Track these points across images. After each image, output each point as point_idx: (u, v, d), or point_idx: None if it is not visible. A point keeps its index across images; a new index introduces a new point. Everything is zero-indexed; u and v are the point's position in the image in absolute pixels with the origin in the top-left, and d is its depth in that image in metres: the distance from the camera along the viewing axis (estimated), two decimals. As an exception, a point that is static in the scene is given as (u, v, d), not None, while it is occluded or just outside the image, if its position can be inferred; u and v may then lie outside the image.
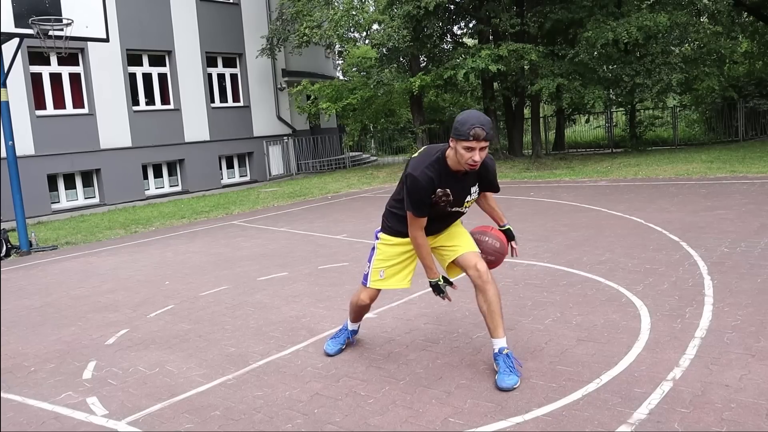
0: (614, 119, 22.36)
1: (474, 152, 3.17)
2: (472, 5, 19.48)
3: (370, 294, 3.78)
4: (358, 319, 4.05)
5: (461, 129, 3.15)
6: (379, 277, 3.70)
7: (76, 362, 4.28)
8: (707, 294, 4.58)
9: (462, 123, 3.17)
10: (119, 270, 7.62)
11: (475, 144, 3.15)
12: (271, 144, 20.42)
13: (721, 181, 10.85)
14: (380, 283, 3.72)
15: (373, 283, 3.72)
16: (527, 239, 7.25)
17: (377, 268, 3.71)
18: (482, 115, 3.20)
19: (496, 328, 3.45)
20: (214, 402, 3.43)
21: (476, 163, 3.21)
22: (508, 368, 3.33)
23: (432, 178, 3.31)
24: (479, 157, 3.19)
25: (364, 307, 3.88)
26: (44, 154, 14.87)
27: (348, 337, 4.06)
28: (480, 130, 3.12)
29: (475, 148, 3.16)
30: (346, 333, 4.06)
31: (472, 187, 3.48)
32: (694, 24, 16.92)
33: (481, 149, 3.18)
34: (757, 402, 2.90)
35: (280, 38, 19.14)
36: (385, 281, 3.71)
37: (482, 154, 3.20)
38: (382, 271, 3.69)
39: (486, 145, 3.19)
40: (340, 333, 4.09)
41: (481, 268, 3.49)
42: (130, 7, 16.55)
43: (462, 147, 3.18)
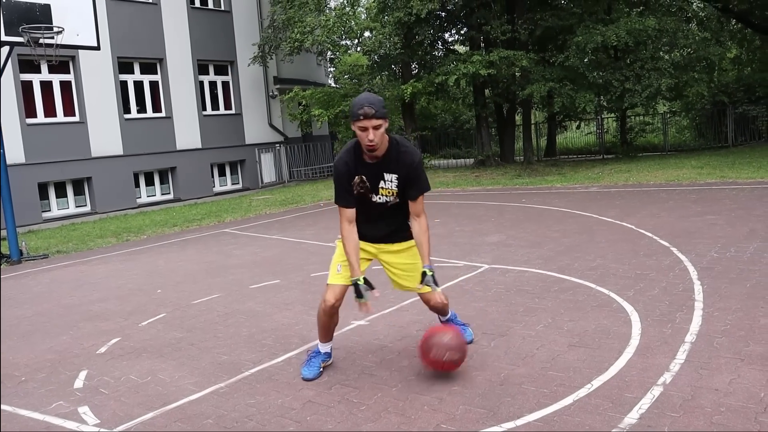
0: (605, 125, 22.49)
1: (368, 132, 3.28)
2: (463, 12, 19.59)
3: (335, 292, 3.60)
4: (328, 336, 3.79)
5: (353, 110, 3.29)
6: (336, 271, 3.65)
7: (68, 371, 4.27)
8: (697, 299, 4.61)
9: (353, 105, 3.30)
10: (111, 279, 7.59)
11: (366, 123, 3.25)
12: (263, 151, 20.41)
13: (711, 186, 10.93)
14: (338, 278, 3.62)
15: (331, 278, 3.64)
16: (519, 245, 7.28)
17: (335, 263, 3.69)
18: (373, 96, 3.33)
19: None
20: (207, 410, 3.43)
21: (372, 143, 3.30)
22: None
23: (347, 163, 3.48)
24: (373, 135, 3.28)
25: (329, 312, 3.63)
26: (35, 162, 14.80)
27: (323, 360, 3.81)
28: (368, 108, 3.23)
29: (367, 128, 3.27)
30: (320, 357, 3.81)
31: (386, 174, 3.50)
32: (683, 30, 17.06)
33: (374, 128, 3.27)
34: (746, 406, 2.92)
35: (272, 46, 19.16)
36: (342, 276, 3.61)
37: (376, 132, 3.28)
38: (339, 266, 3.65)
39: (379, 123, 3.27)
40: (313, 357, 3.81)
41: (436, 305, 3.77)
42: (121, 15, 16.54)
43: (357, 128, 3.30)
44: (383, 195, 3.56)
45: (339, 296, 3.61)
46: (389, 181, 3.51)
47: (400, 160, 3.48)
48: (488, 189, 14.21)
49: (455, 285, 5.70)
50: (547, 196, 11.83)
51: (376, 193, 3.55)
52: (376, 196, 3.56)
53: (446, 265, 6.50)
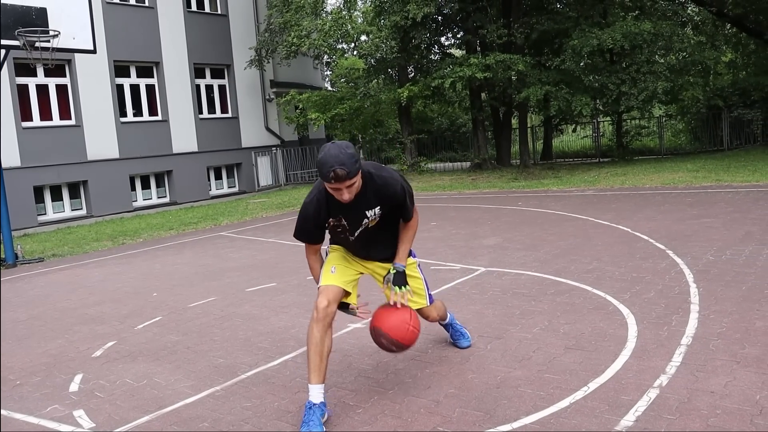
0: (601, 129, 22.53)
1: (341, 192, 2.99)
2: (459, 16, 19.63)
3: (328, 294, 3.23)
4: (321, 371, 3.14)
5: (322, 171, 2.94)
6: (331, 272, 3.36)
7: (63, 375, 4.25)
8: (693, 302, 4.61)
9: (321, 165, 2.94)
10: (106, 282, 7.58)
11: (337, 185, 2.95)
12: (259, 155, 20.41)
13: (707, 189, 10.95)
14: (332, 278, 3.32)
15: (324, 279, 3.33)
16: (515, 248, 7.29)
17: (329, 266, 3.41)
18: (342, 152, 2.92)
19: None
20: (203, 413, 3.42)
21: (349, 200, 3.03)
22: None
23: (318, 207, 3.20)
24: (348, 194, 3.00)
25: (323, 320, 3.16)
26: (31, 165, 14.78)
27: (321, 414, 3.10)
28: (340, 169, 2.88)
29: (341, 188, 2.97)
30: (317, 411, 3.09)
31: (368, 211, 3.23)
32: (679, 34, 17.12)
33: (347, 187, 2.97)
34: (742, 408, 2.92)
35: (269, 49, 19.18)
36: (336, 277, 3.33)
37: (351, 190, 3.00)
38: (334, 267, 3.39)
39: (352, 182, 2.97)
40: (312, 416, 3.07)
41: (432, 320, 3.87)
42: (117, 19, 16.53)
43: (329, 188, 3.01)
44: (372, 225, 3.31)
45: (334, 298, 3.24)
46: (372, 215, 3.25)
47: (380, 194, 3.21)
48: (485, 192, 14.23)
49: (452, 288, 5.69)
50: (543, 199, 11.85)
51: (359, 229, 3.29)
52: (358, 231, 3.30)
53: (443, 268, 6.50)
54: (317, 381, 3.13)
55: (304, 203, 3.26)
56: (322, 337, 3.14)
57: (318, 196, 3.20)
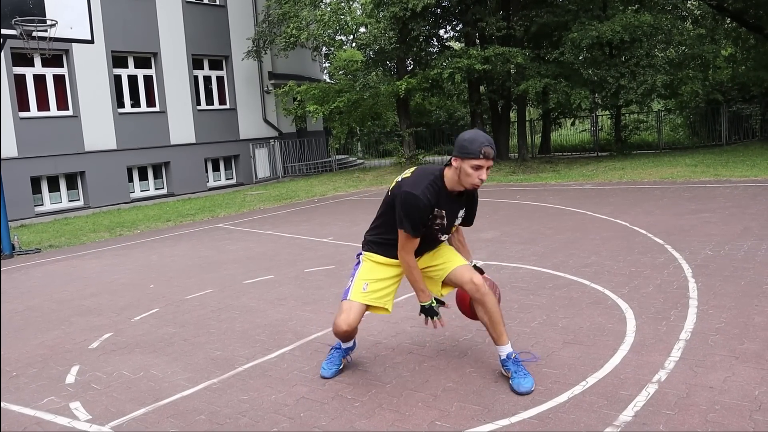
0: (600, 123, 22.51)
1: (482, 171, 3.16)
2: (458, 8, 19.55)
3: (349, 316, 3.37)
4: (349, 341, 3.70)
5: (470, 147, 3.12)
6: (362, 290, 3.41)
7: (59, 367, 4.24)
8: (692, 296, 4.61)
9: (471, 141, 3.13)
10: (103, 273, 7.55)
11: (484, 162, 3.13)
12: (257, 147, 20.36)
13: (705, 184, 10.94)
14: (362, 297, 3.40)
15: (354, 296, 3.40)
16: (513, 242, 7.27)
17: (362, 279, 3.45)
18: (487, 135, 3.22)
19: (500, 336, 3.38)
20: (199, 406, 3.40)
21: (481, 183, 3.21)
22: (522, 371, 3.30)
23: (430, 198, 3.25)
24: (485, 176, 3.18)
25: (345, 334, 3.45)
26: (28, 156, 14.73)
27: (343, 356, 3.71)
28: (489, 149, 3.12)
29: (483, 167, 3.15)
30: (341, 352, 3.69)
31: (460, 211, 3.45)
32: (678, 27, 17.07)
33: (487, 168, 3.17)
34: (741, 404, 2.92)
35: (267, 40, 19.10)
36: (368, 295, 3.41)
37: (488, 173, 3.20)
38: (366, 284, 3.43)
39: (491, 164, 3.18)
40: (334, 353, 3.70)
41: (477, 281, 3.36)
42: (115, 9, 16.44)
43: (470, 166, 3.14)
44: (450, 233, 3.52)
45: (355, 320, 3.38)
46: (460, 217, 3.47)
47: (470, 196, 3.45)
48: (483, 186, 14.19)
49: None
50: (541, 193, 11.84)
51: (448, 232, 3.46)
52: (443, 236, 3.46)
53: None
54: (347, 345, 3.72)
55: (415, 194, 3.21)
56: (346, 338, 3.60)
57: (430, 188, 3.25)
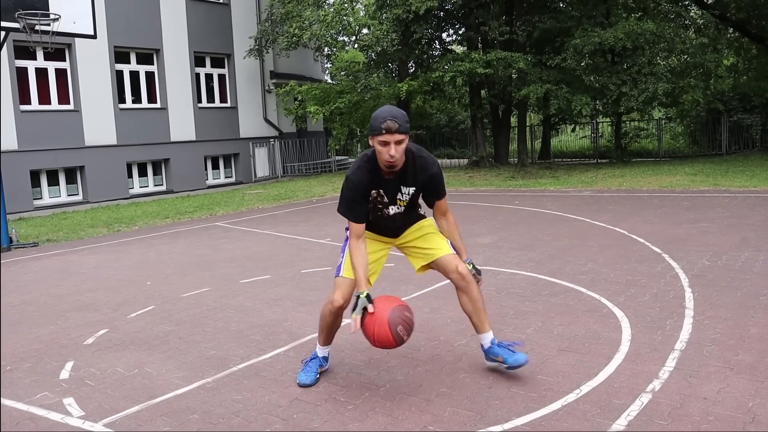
0: (600, 130, 22.52)
1: (389, 146, 3.08)
2: (461, 12, 19.57)
3: (343, 291, 3.39)
4: (329, 340, 3.63)
5: (374, 124, 3.09)
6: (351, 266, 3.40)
7: (54, 362, 4.23)
8: (688, 306, 4.61)
9: (375, 118, 3.11)
10: (100, 269, 7.55)
11: (389, 137, 3.06)
12: (257, 146, 20.36)
13: (704, 194, 10.96)
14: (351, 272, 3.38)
15: (346, 272, 3.41)
16: (511, 248, 7.28)
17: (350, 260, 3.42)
18: (395, 109, 3.15)
19: (482, 323, 3.48)
20: (193, 405, 3.40)
21: (393, 159, 3.12)
22: (509, 350, 3.42)
23: (361, 178, 3.26)
24: (395, 151, 3.10)
25: (336, 313, 3.45)
26: (28, 149, 14.71)
27: (320, 365, 3.64)
28: (392, 122, 3.04)
29: (389, 142, 3.08)
30: (318, 361, 3.64)
31: (404, 187, 3.36)
32: (681, 36, 17.10)
33: (396, 143, 3.09)
34: (734, 415, 2.92)
35: (269, 39, 19.11)
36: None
37: (399, 148, 3.11)
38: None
39: (401, 138, 3.09)
40: (311, 362, 3.64)
41: (462, 270, 3.41)
42: (118, 4, 16.44)
43: (378, 142, 3.11)
44: (399, 206, 3.44)
45: (348, 296, 3.40)
46: (406, 193, 3.39)
47: (419, 172, 3.33)
48: (481, 190, 14.22)
49: (446, 286, 5.67)
50: (540, 199, 11.84)
51: (395, 205, 3.42)
52: (394, 208, 3.43)
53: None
54: (324, 344, 3.65)
55: (347, 176, 3.31)
56: (333, 320, 3.53)
57: (364, 166, 3.29)
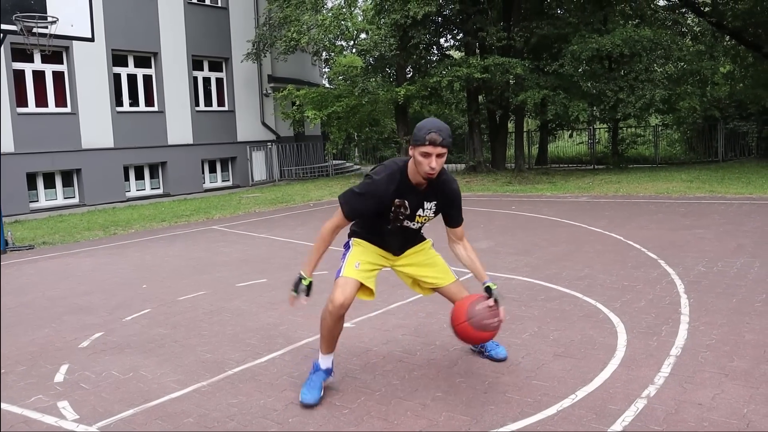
0: (597, 136, 22.58)
1: (431, 158, 3.11)
2: (459, 18, 19.63)
3: (345, 291, 3.32)
4: (332, 346, 3.46)
5: (418, 134, 3.13)
6: (355, 267, 3.42)
7: (49, 365, 4.22)
8: (683, 312, 4.62)
9: (419, 129, 3.15)
10: (96, 272, 7.53)
11: (431, 149, 3.09)
12: (254, 149, 20.36)
13: (700, 200, 10.98)
14: (356, 273, 3.39)
15: (347, 272, 3.39)
16: (507, 253, 7.28)
17: (353, 260, 3.45)
18: (441, 122, 3.17)
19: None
20: (188, 409, 3.39)
21: (433, 171, 3.14)
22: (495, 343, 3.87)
23: (389, 186, 3.27)
24: (436, 163, 3.12)
25: (336, 314, 3.32)
26: (24, 152, 14.69)
27: (324, 379, 3.46)
28: (436, 135, 3.08)
29: (431, 154, 3.10)
30: (321, 375, 3.46)
31: (427, 202, 3.38)
32: (678, 43, 17.18)
33: (437, 156, 3.11)
34: (729, 421, 2.92)
35: (267, 43, 19.13)
36: (361, 273, 3.40)
37: (439, 161, 3.14)
38: (358, 263, 3.44)
39: (443, 152, 3.12)
40: (314, 377, 3.44)
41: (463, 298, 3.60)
42: (116, 7, 16.45)
43: (419, 153, 3.13)
44: (418, 222, 3.45)
45: (351, 295, 3.34)
46: (428, 209, 3.41)
47: (442, 188, 3.38)
48: (478, 195, 14.23)
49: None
50: (536, 204, 11.85)
51: (411, 220, 3.42)
52: (410, 223, 3.44)
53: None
54: (326, 351, 3.48)
55: (375, 179, 3.29)
56: (334, 324, 3.39)
57: (391, 176, 3.28)
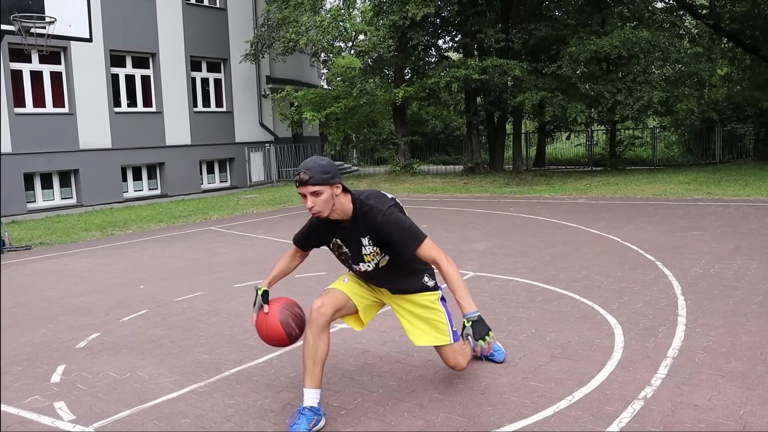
0: (595, 138, 22.62)
1: (306, 199, 3.00)
2: (458, 19, 19.64)
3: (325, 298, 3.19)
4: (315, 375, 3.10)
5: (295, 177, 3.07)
6: (342, 281, 3.37)
7: (45, 365, 4.21)
8: (680, 314, 4.62)
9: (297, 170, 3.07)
10: (94, 272, 7.52)
11: (302, 189, 2.98)
12: (252, 150, 20.35)
13: (698, 202, 11.00)
14: (341, 285, 3.32)
15: (333, 284, 3.34)
16: (505, 254, 7.29)
17: (344, 277, 3.43)
18: (314, 161, 3.00)
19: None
20: (185, 409, 3.39)
21: (313, 210, 3.02)
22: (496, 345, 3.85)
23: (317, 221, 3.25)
24: (311, 202, 2.98)
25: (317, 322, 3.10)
26: (22, 152, 14.66)
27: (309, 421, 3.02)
28: (303, 174, 2.95)
29: (305, 195, 2.99)
30: (306, 417, 3.03)
31: (363, 238, 3.15)
32: (676, 45, 17.21)
33: (312, 194, 2.97)
34: (726, 422, 2.92)
35: (265, 44, 19.13)
36: (347, 286, 3.32)
37: (315, 199, 2.98)
38: (347, 278, 3.39)
39: (315, 189, 2.95)
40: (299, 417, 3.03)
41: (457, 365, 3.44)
42: (115, 8, 16.43)
43: (299, 194, 3.02)
44: (370, 261, 3.22)
45: (331, 302, 3.18)
46: (367, 245, 3.17)
47: (366, 220, 3.11)
48: (476, 196, 14.24)
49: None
50: (534, 206, 11.86)
51: (362, 261, 3.23)
52: (363, 265, 3.25)
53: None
54: (310, 385, 3.10)
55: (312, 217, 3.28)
56: (314, 340, 3.10)
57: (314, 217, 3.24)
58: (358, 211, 3.12)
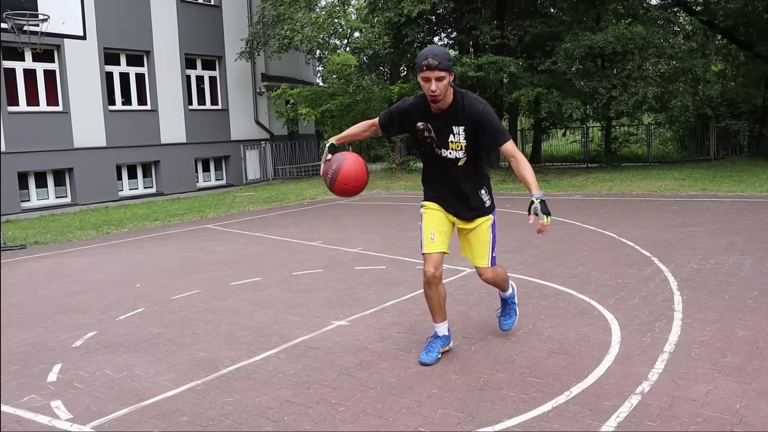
0: (590, 135, 22.65)
1: (430, 83, 3.33)
2: (453, 16, 19.65)
3: (433, 262, 3.65)
4: (441, 314, 3.82)
5: (417, 61, 3.37)
6: (430, 240, 3.68)
7: (41, 365, 4.20)
8: (676, 309, 4.64)
9: (418, 56, 3.39)
10: (89, 271, 7.50)
11: (429, 74, 3.31)
12: (248, 148, 20.31)
13: (693, 198, 11.03)
14: (433, 246, 3.67)
15: (426, 248, 3.68)
16: (501, 251, 7.27)
17: (427, 231, 3.71)
18: (438, 48, 3.40)
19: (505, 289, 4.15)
20: (183, 407, 3.38)
21: (435, 93, 3.36)
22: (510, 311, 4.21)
23: (410, 108, 3.62)
24: (435, 86, 3.33)
25: (433, 282, 3.68)
26: (16, 151, 14.61)
27: (442, 344, 3.85)
28: (432, 59, 3.28)
29: (430, 78, 3.32)
30: (439, 341, 3.85)
31: (455, 127, 3.53)
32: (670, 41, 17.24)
33: (437, 79, 3.32)
34: (722, 416, 2.93)
35: (260, 42, 19.09)
36: (437, 244, 3.67)
37: (439, 84, 3.33)
38: (432, 234, 3.69)
39: (441, 75, 3.31)
40: (432, 342, 3.85)
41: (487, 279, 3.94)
42: (109, 5, 16.37)
43: (420, 79, 3.37)
44: (453, 149, 3.59)
45: (438, 264, 3.65)
46: (457, 134, 3.54)
47: (466, 110, 3.49)
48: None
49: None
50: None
51: (445, 147, 3.59)
52: (446, 151, 3.60)
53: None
54: (440, 320, 3.84)
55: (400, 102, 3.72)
56: (436, 292, 3.73)
57: (416, 98, 3.61)
58: (459, 101, 3.51)
